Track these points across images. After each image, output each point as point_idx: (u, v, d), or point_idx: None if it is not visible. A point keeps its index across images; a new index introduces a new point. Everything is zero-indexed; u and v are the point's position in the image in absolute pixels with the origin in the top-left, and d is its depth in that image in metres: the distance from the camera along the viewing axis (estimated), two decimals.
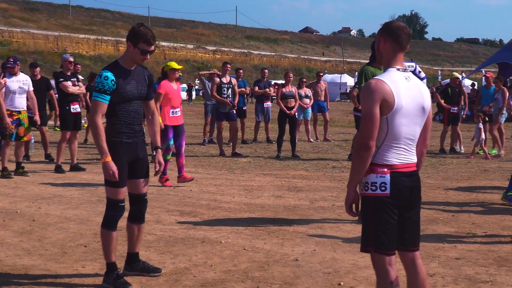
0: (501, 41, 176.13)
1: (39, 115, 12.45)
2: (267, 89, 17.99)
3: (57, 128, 20.88)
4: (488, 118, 15.28)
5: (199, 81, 39.15)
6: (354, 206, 3.86)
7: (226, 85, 14.62)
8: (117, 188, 5.19)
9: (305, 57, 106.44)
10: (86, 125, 17.59)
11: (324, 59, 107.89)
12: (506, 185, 9.33)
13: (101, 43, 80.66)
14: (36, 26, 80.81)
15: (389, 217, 3.70)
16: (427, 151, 15.60)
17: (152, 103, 5.56)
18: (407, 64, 8.20)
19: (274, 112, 16.73)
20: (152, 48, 5.19)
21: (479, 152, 14.94)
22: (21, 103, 11.39)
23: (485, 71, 22.47)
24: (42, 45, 72.96)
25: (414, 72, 8.11)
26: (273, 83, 19.88)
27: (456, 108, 15.57)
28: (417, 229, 3.92)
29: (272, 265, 5.87)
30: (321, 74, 20.44)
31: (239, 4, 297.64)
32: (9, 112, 11.18)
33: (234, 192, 9.97)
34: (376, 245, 3.73)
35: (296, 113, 14.78)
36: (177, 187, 10.34)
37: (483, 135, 14.77)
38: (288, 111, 14.38)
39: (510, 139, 18.94)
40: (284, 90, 14.56)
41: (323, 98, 19.10)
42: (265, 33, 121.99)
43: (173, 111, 10.43)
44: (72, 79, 11.98)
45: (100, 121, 5.06)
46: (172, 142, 10.48)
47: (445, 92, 16.03)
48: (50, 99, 14.73)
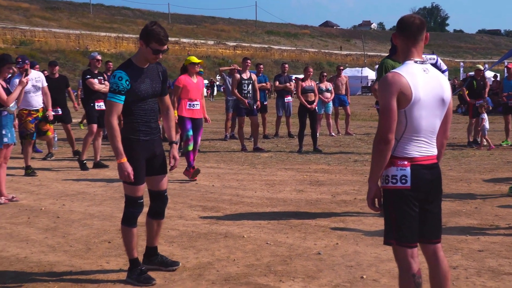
0: None
1: (62, 113, 12.59)
2: (288, 84, 17.99)
3: (82, 125, 21.06)
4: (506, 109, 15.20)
5: (220, 77, 39.21)
6: (376, 201, 3.87)
7: (246, 81, 14.62)
8: (135, 185, 5.23)
9: (326, 51, 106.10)
10: None
11: (344, 52, 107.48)
12: None
13: (122, 40, 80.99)
14: (57, 25, 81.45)
15: (410, 210, 3.71)
16: (450, 143, 15.40)
17: (167, 98, 5.57)
18: (429, 56, 8.16)
19: (295, 106, 16.71)
20: (164, 47, 5.15)
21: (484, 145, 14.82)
22: (37, 101, 11.45)
23: (507, 62, 22.25)
24: (63, 44, 73.46)
25: (435, 64, 8.06)
26: (293, 78, 19.82)
27: (481, 100, 15.47)
28: (439, 221, 3.91)
29: (294, 259, 5.89)
30: (341, 68, 20.38)
31: None
32: (27, 111, 11.27)
33: (256, 186, 10.00)
34: (397, 237, 3.74)
35: (316, 107, 14.77)
36: (198, 183, 10.38)
37: (487, 125, 14.75)
38: (308, 105, 14.40)
39: None
40: (303, 84, 14.57)
41: (344, 92, 19.06)
42: (285, 27, 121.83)
43: (190, 104, 10.53)
44: (98, 77, 12.09)
45: (115, 122, 5.08)
46: (191, 132, 10.54)
47: (470, 85, 15.94)
48: (68, 95, 14.85)
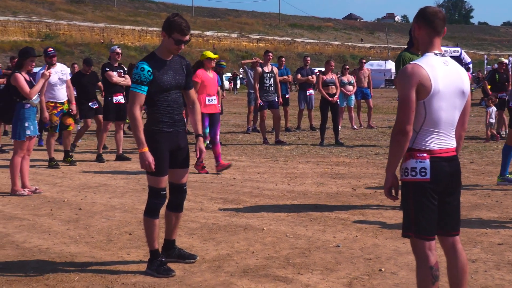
0: None
1: (98, 107, 12.86)
2: (310, 77, 17.95)
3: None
4: None
5: (242, 70, 39.24)
6: (393, 190, 3.86)
7: (268, 75, 14.61)
8: (159, 176, 5.26)
9: (349, 44, 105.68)
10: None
11: (368, 45, 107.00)
12: None
13: (146, 34, 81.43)
14: (82, 18, 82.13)
15: (429, 202, 3.70)
16: (473, 136, 15.26)
17: (192, 92, 5.59)
18: (453, 49, 8.12)
19: (316, 99, 16.68)
20: (186, 38, 5.18)
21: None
22: (63, 93, 11.51)
23: None
24: (88, 37, 74.06)
25: (459, 57, 8.02)
26: (316, 71, 19.75)
27: (503, 93, 15.29)
28: (457, 214, 3.89)
29: (313, 251, 5.89)
30: (364, 60, 20.29)
31: None
32: (53, 104, 11.28)
33: (277, 179, 10.00)
34: (416, 230, 3.73)
35: (338, 100, 14.73)
36: (220, 175, 10.41)
37: (493, 118, 14.69)
38: (330, 98, 14.36)
39: None
40: (324, 77, 14.56)
41: (366, 84, 19.00)
42: (308, 20, 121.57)
43: (209, 99, 10.58)
44: (118, 70, 12.17)
45: (138, 112, 5.13)
46: (208, 130, 10.59)
47: (493, 78, 15.78)
48: (99, 90, 15.00)
